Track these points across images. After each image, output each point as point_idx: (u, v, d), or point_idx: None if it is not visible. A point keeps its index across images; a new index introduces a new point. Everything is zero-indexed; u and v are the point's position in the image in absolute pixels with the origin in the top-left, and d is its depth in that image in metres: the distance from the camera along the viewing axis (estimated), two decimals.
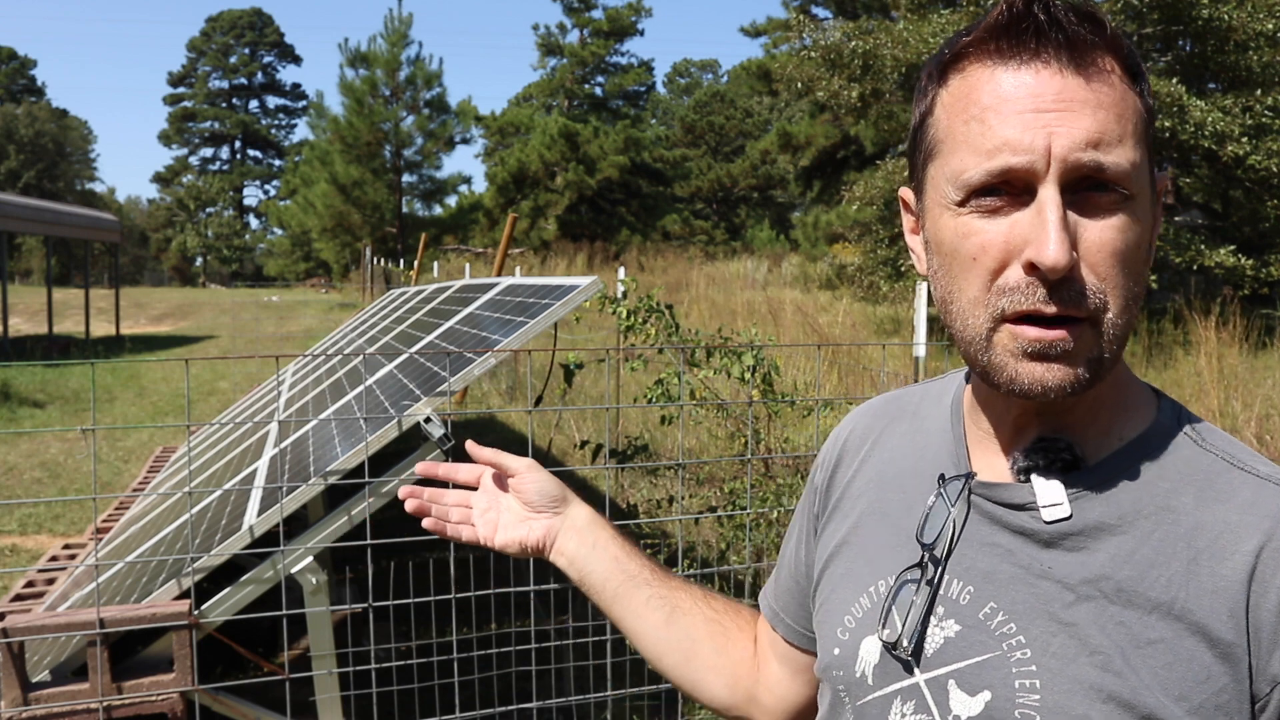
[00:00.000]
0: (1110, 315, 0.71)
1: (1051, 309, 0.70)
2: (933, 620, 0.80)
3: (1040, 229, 0.69)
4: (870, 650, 0.84)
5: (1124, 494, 0.75)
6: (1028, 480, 0.78)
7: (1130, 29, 11.73)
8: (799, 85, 15.92)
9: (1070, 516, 0.75)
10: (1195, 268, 11.49)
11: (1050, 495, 0.76)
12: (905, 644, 0.80)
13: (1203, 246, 11.33)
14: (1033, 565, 0.76)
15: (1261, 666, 0.68)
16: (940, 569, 0.80)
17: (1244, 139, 10.82)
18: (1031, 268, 0.69)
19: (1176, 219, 12.86)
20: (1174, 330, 8.91)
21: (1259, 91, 11.29)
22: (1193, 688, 0.68)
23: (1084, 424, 0.78)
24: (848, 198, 15.24)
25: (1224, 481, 0.74)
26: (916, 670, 0.79)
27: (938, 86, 0.77)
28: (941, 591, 0.80)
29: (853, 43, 13.49)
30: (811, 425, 5.41)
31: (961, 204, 0.73)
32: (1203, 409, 6.12)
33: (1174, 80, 10.97)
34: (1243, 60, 11.51)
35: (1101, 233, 0.70)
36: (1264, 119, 11.13)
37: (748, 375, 3.64)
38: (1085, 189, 0.70)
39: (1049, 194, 0.69)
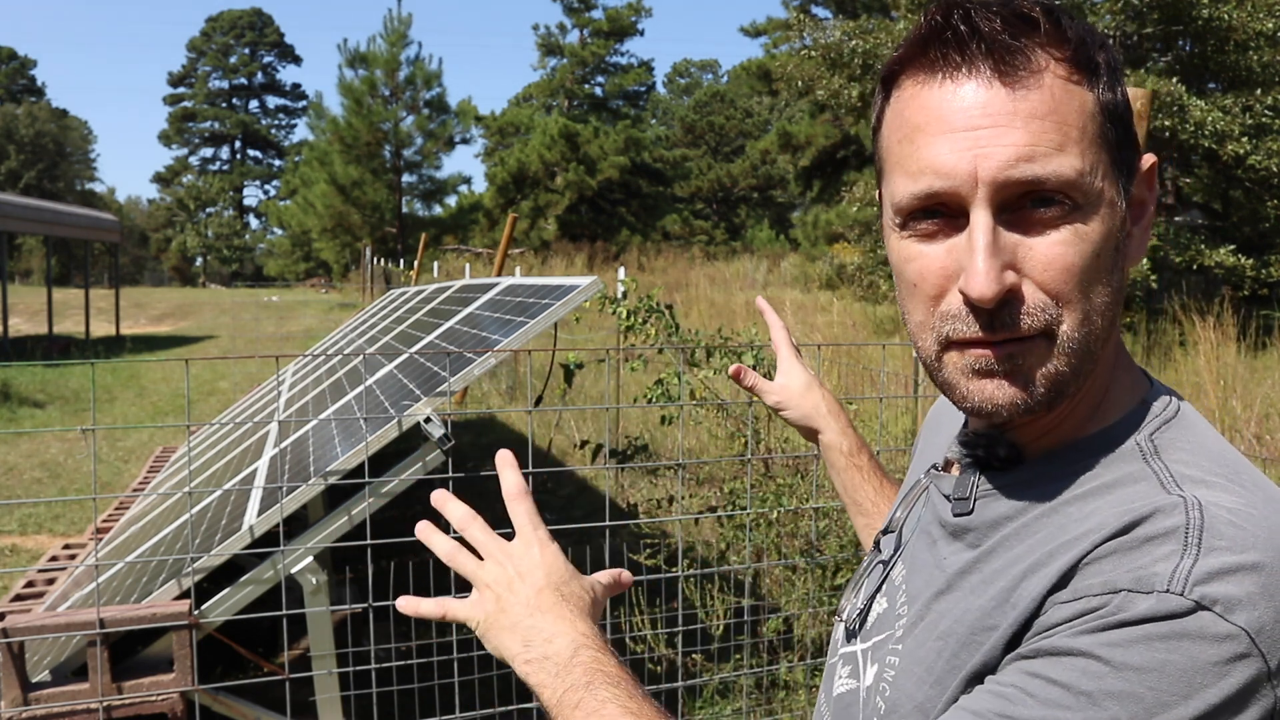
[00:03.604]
0: (1065, 329, 0.67)
1: (993, 336, 0.68)
2: (878, 597, 0.87)
3: (969, 257, 0.66)
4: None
5: (1027, 494, 0.73)
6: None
7: (1130, 29, 11.74)
8: (799, 85, 15.95)
9: (971, 512, 0.76)
10: (1195, 267, 11.49)
11: (961, 489, 0.78)
12: (852, 616, 0.88)
13: (1203, 246, 11.35)
14: (938, 556, 0.79)
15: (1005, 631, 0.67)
16: (897, 552, 0.87)
17: (1244, 139, 10.83)
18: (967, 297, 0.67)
19: (1176, 219, 12.86)
20: (1173, 330, 8.91)
21: (1259, 91, 11.30)
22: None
23: (1050, 424, 0.75)
24: (848, 198, 15.27)
25: (1130, 494, 0.67)
26: (856, 640, 0.87)
27: (883, 103, 0.75)
28: (894, 572, 0.86)
29: (853, 42, 13.51)
30: None
31: (902, 227, 0.71)
32: (1201, 409, 6.12)
33: (1174, 80, 10.97)
34: (1243, 60, 11.52)
35: (1049, 249, 0.67)
36: (1264, 119, 11.14)
37: None
38: (1027, 206, 0.66)
39: (978, 219, 0.66)
